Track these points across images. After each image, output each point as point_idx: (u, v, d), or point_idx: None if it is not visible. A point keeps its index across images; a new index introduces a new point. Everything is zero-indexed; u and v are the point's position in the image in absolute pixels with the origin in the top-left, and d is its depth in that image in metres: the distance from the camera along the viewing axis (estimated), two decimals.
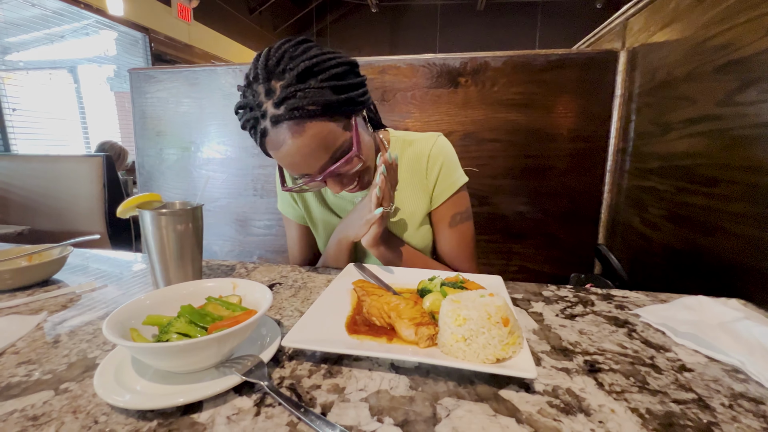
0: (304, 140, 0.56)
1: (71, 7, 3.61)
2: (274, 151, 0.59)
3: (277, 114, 0.55)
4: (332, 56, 0.58)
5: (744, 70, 0.69)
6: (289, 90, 0.54)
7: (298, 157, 0.58)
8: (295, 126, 0.55)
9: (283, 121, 0.55)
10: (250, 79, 0.58)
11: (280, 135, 0.56)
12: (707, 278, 0.77)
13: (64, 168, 1.99)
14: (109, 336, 0.34)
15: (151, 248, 0.58)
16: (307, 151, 0.57)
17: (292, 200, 0.85)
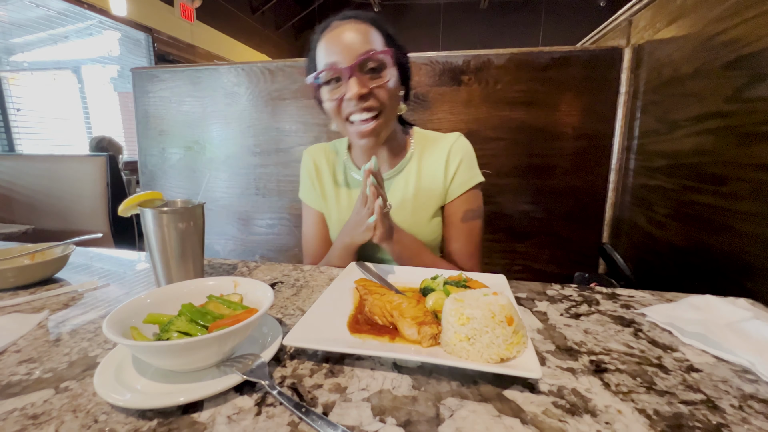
0: (358, 28, 0.69)
1: (75, 8, 3.62)
2: (329, 32, 0.70)
3: (345, 14, 0.71)
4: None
5: (753, 65, 0.68)
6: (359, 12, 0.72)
7: (345, 37, 0.68)
8: (356, 21, 0.70)
9: (350, 17, 0.70)
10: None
11: (341, 24, 0.70)
12: (715, 278, 0.76)
13: (67, 167, 1.99)
14: (109, 334, 0.34)
15: (153, 246, 0.58)
16: (354, 36, 0.68)
17: (313, 186, 0.89)
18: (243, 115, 1.38)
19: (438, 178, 0.81)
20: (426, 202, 0.81)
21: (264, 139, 1.38)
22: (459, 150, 0.81)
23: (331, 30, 0.69)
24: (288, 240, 1.42)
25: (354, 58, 0.67)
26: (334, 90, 0.70)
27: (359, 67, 0.67)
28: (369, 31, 0.69)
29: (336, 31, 0.68)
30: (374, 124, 0.71)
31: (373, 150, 0.80)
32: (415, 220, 0.81)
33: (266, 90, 1.34)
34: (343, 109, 0.71)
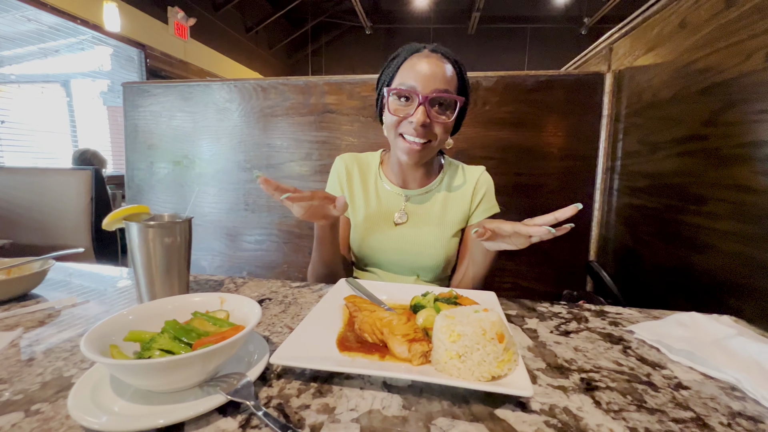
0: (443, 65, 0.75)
1: (68, 23, 3.63)
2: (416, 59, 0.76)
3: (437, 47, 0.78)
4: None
5: (727, 92, 0.71)
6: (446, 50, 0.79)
7: (431, 68, 0.74)
8: (443, 58, 0.77)
9: (440, 52, 0.78)
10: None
11: (431, 55, 0.77)
12: (698, 295, 0.77)
13: (50, 181, 1.95)
14: (87, 352, 0.32)
15: (137, 261, 0.56)
16: (440, 72, 0.74)
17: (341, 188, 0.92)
18: (234, 130, 1.38)
19: (464, 203, 0.88)
20: (450, 221, 0.88)
21: (254, 155, 1.38)
22: (484, 183, 0.90)
23: (421, 56, 0.76)
24: (276, 257, 1.40)
25: (431, 91, 0.73)
26: (402, 108, 0.76)
27: (431, 100, 0.74)
28: (450, 70, 0.76)
29: (426, 60, 0.75)
30: (422, 149, 0.77)
31: (410, 168, 0.87)
32: (440, 236, 0.87)
33: (258, 106, 1.35)
34: (401, 126, 0.78)
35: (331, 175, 0.95)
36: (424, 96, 0.73)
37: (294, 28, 8.04)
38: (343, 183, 0.92)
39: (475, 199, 0.89)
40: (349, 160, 0.94)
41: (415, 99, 0.74)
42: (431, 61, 0.75)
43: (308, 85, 1.30)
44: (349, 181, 0.92)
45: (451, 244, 0.88)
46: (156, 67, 4.61)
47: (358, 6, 6.48)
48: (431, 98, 0.73)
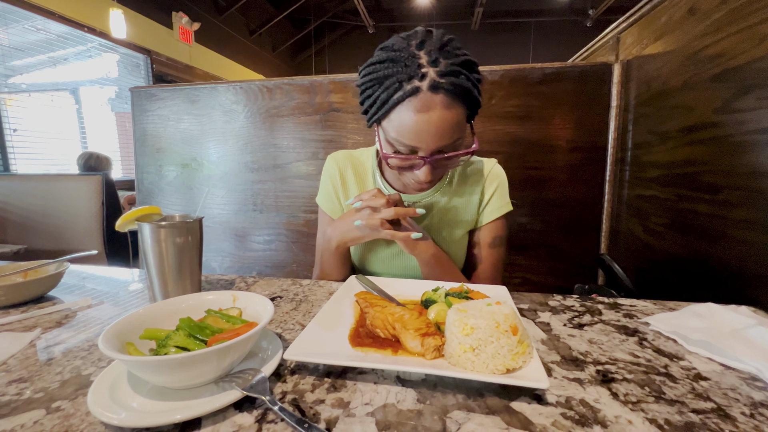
0: (448, 114, 0.60)
1: (75, 31, 3.69)
2: (413, 112, 0.60)
3: (439, 81, 0.58)
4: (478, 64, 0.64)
5: (740, 78, 0.70)
6: (455, 68, 0.58)
7: (434, 126, 0.60)
8: (448, 99, 0.59)
9: (441, 89, 0.58)
10: (412, 43, 0.60)
11: (431, 100, 0.59)
12: (714, 286, 0.76)
13: (62, 187, 1.99)
14: (105, 350, 0.33)
15: (150, 262, 0.57)
16: (443, 126, 0.60)
17: (335, 195, 0.85)
18: (241, 132, 1.39)
19: (472, 203, 0.81)
20: (458, 223, 0.82)
21: (261, 156, 1.39)
22: (496, 177, 0.82)
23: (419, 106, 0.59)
24: (285, 256, 1.40)
25: (434, 147, 0.62)
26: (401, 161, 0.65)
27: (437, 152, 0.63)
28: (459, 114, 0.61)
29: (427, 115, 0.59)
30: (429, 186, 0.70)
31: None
32: (445, 239, 0.82)
33: (264, 107, 1.36)
34: (405, 175, 0.68)
35: (323, 179, 0.87)
36: (428, 156, 0.62)
37: (297, 30, 8.07)
38: (338, 188, 0.84)
39: (484, 197, 0.81)
40: (341, 161, 0.85)
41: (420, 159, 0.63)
42: (433, 114, 0.59)
43: (313, 85, 1.30)
44: (344, 185, 0.84)
45: (457, 247, 0.82)
46: (162, 72, 4.66)
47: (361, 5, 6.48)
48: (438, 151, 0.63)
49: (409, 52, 0.59)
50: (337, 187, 0.85)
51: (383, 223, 0.63)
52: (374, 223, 0.64)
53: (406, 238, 0.65)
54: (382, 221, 0.63)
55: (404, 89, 0.59)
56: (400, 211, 0.63)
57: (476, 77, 0.62)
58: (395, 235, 0.64)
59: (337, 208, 0.86)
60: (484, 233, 0.82)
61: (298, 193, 1.36)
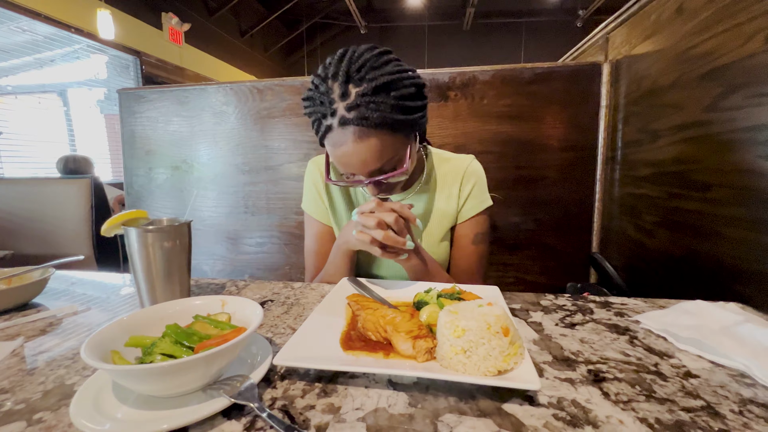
0: (364, 146, 0.60)
1: (62, 32, 3.63)
2: (333, 148, 0.63)
3: (347, 117, 0.58)
4: (407, 75, 0.62)
5: (728, 76, 0.70)
6: (363, 99, 0.58)
7: (354, 158, 0.62)
8: (360, 132, 0.59)
9: (350, 124, 0.59)
10: (327, 74, 0.60)
11: (344, 135, 0.60)
12: (704, 283, 0.77)
13: (50, 191, 1.95)
14: (88, 359, 0.32)
15: (137, 267, 0.56)
16: (363, 157, 0.61)
17: (320, 198, 0.85)
18: (231, 133, 1.38)
19: (451, 200, 0.81)
20: (438, 223, 0.82)
21: (253, 157, 1.37)
22: (473, 174, 0.82)
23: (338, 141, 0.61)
24: (278, 258, 1.39)
25: (367, 172, 0.64)
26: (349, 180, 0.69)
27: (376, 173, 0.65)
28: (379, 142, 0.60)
29: (345, 147, 0.61)
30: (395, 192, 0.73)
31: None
32: (427, 241, 0.81)
33: (255, 108, 1.34)
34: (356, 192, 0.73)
35: (306, 184, 0.87)
36: (366, 179, 0.65)
37: (289, 30, 8.04)
38: (321, 190, 0.85)
39: (462, 194, 0.81)
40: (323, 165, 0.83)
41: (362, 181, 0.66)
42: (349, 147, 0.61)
43: (304, 86, 1.30)
44: (328, 189, 0.85)
45: (441, 248, 0.82)
46: (152, 74, 4.61)
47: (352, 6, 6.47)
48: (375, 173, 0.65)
49: (325, 86, 0.60)
50: (320, 188, 0.85)
51: (373, 241, 0.62)
52: (364, 239, 0.63)
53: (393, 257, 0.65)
54: (372, 239, 0.62)
55: (322, 127, 0.62)
56: (389, 239, 0.61)
57: (398, 95, 0.59)
58: (383, 254, 0.63)
59: (323, 211, 0.86)
60: (464, 230, 0.83)
61: (289, 194, 1.35)
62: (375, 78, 0.58)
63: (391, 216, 0.62)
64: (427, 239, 0.82)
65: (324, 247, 0.86)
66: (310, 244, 0.88)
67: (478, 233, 0.82)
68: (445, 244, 0.83)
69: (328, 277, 0.77)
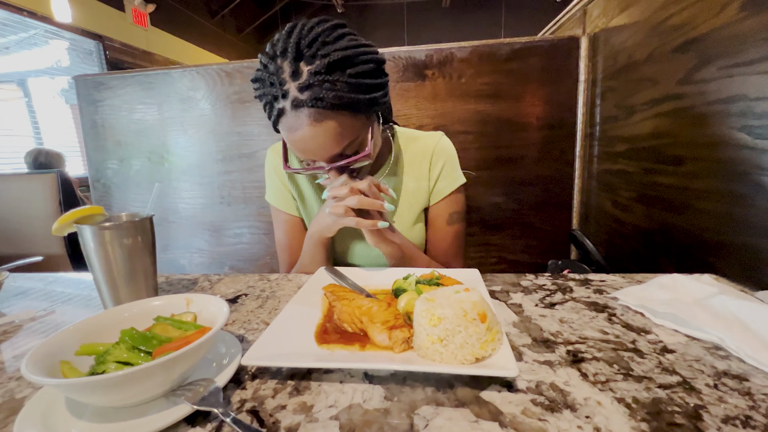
0: (321, 129, 0.56)
1: (14, 16, 3.37)
2: (288, 133, 0.58)
3: (300, 99, 0.54)
4: (364, 50, 0.57)
5: (701, 48, 0.69)
6: (316, 78, 0.53)
7: (311, 143, 0.57)
8: (315, 114, 0.55)
9: (304, 107, 0.54)
10: (276, 52, 0.55)
11: (298, 119, 0.55)
12: (680, 256, 0.78)
13: (13, 187, 1.84)
14: (29, 374, 0.29)
15: (96, 268, 0.53)
16: (321, 141, 0.57)
17: (284, 188, 0.80)
18: (201, 120, 1.31)
19: (422, 181, 0.78)
20: (410, 206, 0.79)
21: (226, 145, 1.32)
22: (442, 151, 0.78)
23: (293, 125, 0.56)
24: (258, 248, 1.36)
25: (328, 157, 0.60)
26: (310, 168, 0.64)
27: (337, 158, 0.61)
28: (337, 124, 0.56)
29: (301, 132, 0.56)
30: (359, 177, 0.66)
31: None
32: (399, 225, 0.78)
33: (224, 93, 1.28)
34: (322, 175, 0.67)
35: (267, 174, 0.82)
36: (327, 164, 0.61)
37: (262, 11, 7.69)
38: (285, 181, 0.79)
39: (433, 174, 0.78)
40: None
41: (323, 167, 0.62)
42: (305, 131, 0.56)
43: None
44: (292, 178, 0.80)
45: (415, 231, 0.80)
46: (117, 59, 4.36)
47: None
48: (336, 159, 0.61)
49: (275, 65, 0.55)
50: (285, 180, 0.80)
51: (347, 211, 0.60)
52: (338, 211, 0.61)
53: (370, 226, 0.61)
54: (347, 209, 0.60)
55: (274, 111, 0.57)
56: (364, 202, 0.59)
57: (355, 72, 0.55)
58: (359, 222, 0.61)
59: (289, 200, 0.82)
60: (438, 211, 0.80)
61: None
62: (328, 54, 0.53)
63: (363, 183, 0.60)
64: (400, 223, 0.79)
65: (295, 240, 0.82)
66: (281, 237, 0.84)
67: (453, 212, 0.80)
68: (420, 227, 0.81)
69: (304, 269, 0.75)
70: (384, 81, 0.63)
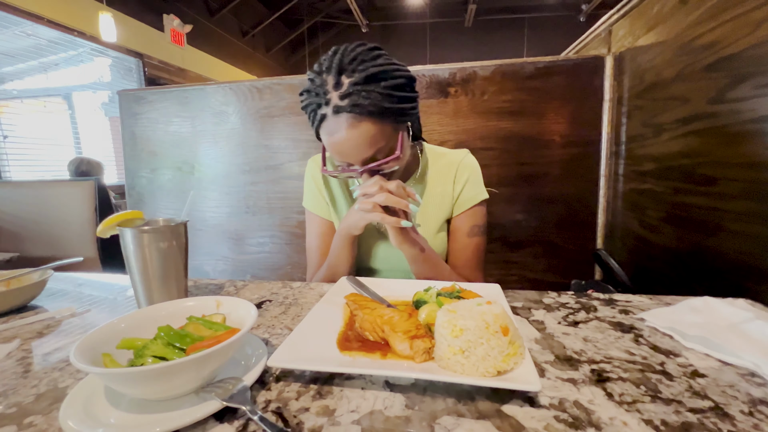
0: (357, 132, 0.63)
1: (66, 36, 3.66)
2: (328, 136, 0.65)
3: (340, 105, 0.62)
4: (396, 68, 0.65)
5: (734, 66, 0.68)
6: (355, 88, 0.61)
7: (347, 145, 0.64)
8: (352, 119, 0.62)
9: (343, 112, 0.62)
10: (322, 69, 0.64)
11: (337, 123, 0.63)
12: (711, 279, 0.75)
13: (54, 193, 1.96)
14: (77, 362, 0.31)
15: (133, 268, 0.56)
16: (357, 143, 0.64)
17: (320, 194, 0.87)
18: (232, 133, 1.38)
19: (446, 193, 0.83)
20: (434, 214, 0.83)
21: (253, 157, 1.37)
22: (467, 167, 0.84)
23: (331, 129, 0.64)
24: (280, 258, 1.39)
25: (360, 160, 0.66)
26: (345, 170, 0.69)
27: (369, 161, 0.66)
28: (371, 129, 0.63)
29: (338, 135, 0.63)
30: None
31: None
32: (423, 231, 0.82)
33: (254, 108, 1.34)
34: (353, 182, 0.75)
35: (306, 181, 0.89)
36: (360, 167, 0.66)
37: (290, 30, 8.04)
38: (321, 187, 0.87)
39: (456, 187, 0.83)
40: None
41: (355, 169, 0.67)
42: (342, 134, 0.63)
43: (303, 84, 1.28)
44: (327, 183, 0.87)
45: (438, 239, 0.83)
46: (154, 76, 4.64)
47: (353, 4, 6.45)
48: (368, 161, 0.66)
49: (320, 78, 0.64)
50: (320, 184, 0.87)
51: (375, 207, 0.65)
52: (366, 206, 0.65)
53: (394, 223, 0.66)
54: (375, 205, 0.65)
55: (317, 117, 0.65)
56: (391, 198, 0.64)
57: (388, 85, 0.62)
58: (385, 218, 0.65)
59: (323, 207, 0.88)
60: (460, 222, 0.84)
61: (290, 194, 1.35)
62: (366, 69, 0.61)
63: (392, 183, 0.65)
64: (425, 229, 0.82)
65: (325, 243, 0.86)
66: (312, 240, 0.90)
67: (474, 225, 0.83)
68: (443, 236, 0.84)
69: (331, 268, 0.78)
70: (414, 95, 0.69)
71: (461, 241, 0.83)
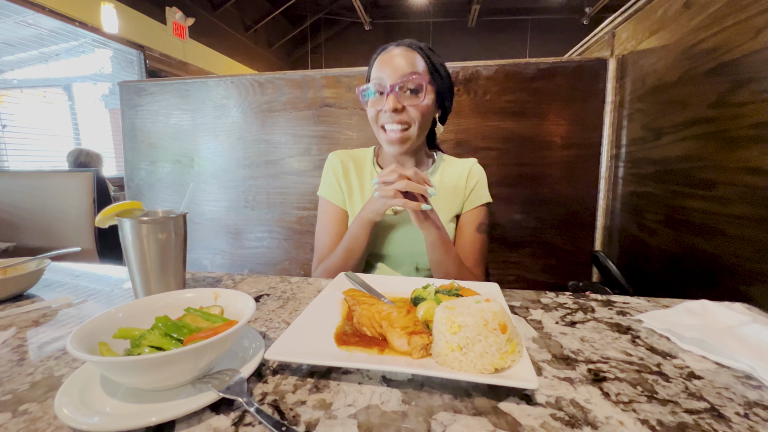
0: (404, 53, 0.79)
1: (67, 26, 3.63)
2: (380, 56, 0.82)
3: (401, 42, 0.82)
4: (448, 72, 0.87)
5: (735, 71, 0.69)
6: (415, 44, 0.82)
7: (393, 60, 0.78)
8: (408, 48, 0.81)
9: (402, 45, 0.81)
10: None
11: (395, 47, 0.81)
12: (709, 283, 0.75)
13: (52, 184, 1.95)
14: (73, 350, 0.31)
15: (131, 258, 0.55)
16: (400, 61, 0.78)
17: (337, 184, 0.92)
18: (232, 127, 1.37)
19: (458, 190, 0.90)
20: (444, 209, 0.89)
21: (253, 152, 1.37)
22: (477, 172, 0.93)
23: (386, 52, 0.81)
24: (278, 254, 1.39)
25: (397, 78, 0.77)
26: (377, 101, 0.81)
27: (399, 87, 0.77)
28: (416, 58, 0.79)
29: (389, 54, 0.80)
30: (403, 135, 0.80)
31: (399, 158, 0.87)
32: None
33: (255, 102, 1.33)
34: (379, 118, 0.81)
35: (325, 172, 0.95)
36: (392, 85, 0.77)
37: (293, 26, 8.01)
38: (340, 178, 0.92)
39: (469, 185, 0.91)
40: (343, 156, 0.95)
41: (386, 89, 0.77)
42: (394, 53, 0.79)
43: (305, 79, 1.28)
44: (346, 175, 0.93)
45: (447, 229, 0.88)
46: (156, 68, 4.61)
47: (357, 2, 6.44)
48: (400, 85, 0.77)
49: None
50: (339, 176, 0.92)
51: (396, 193, 0.69)
52: (387, 193, 0.69)
53: (416, 207, 0.69)
54: (396, 192, 0.69)
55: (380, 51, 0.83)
56: (411, 185, 0.68)
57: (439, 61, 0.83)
58: (406, 203, 0.69)
59: (339, 196, 0.93)
60: (470, 217, 0.90)
61: (290, 189, 1.35)
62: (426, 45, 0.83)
63: (410, 170, 0.69)
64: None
65: (337, 228, 0.91)
66: (324, 224, 0.93)
67: (481, 223, 0.90)
68: (452, 227, 0.90)
69: (347, 251, 0.81)
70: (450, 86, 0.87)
71: (470, 234, 0.89)
